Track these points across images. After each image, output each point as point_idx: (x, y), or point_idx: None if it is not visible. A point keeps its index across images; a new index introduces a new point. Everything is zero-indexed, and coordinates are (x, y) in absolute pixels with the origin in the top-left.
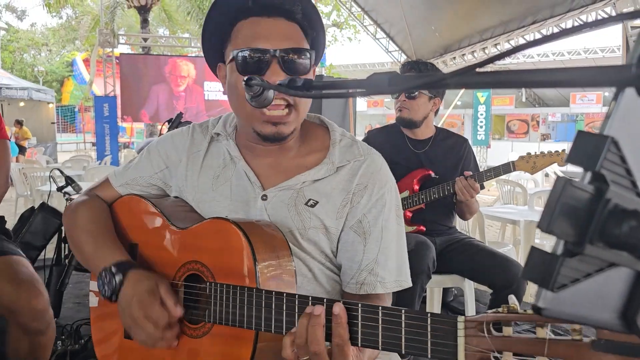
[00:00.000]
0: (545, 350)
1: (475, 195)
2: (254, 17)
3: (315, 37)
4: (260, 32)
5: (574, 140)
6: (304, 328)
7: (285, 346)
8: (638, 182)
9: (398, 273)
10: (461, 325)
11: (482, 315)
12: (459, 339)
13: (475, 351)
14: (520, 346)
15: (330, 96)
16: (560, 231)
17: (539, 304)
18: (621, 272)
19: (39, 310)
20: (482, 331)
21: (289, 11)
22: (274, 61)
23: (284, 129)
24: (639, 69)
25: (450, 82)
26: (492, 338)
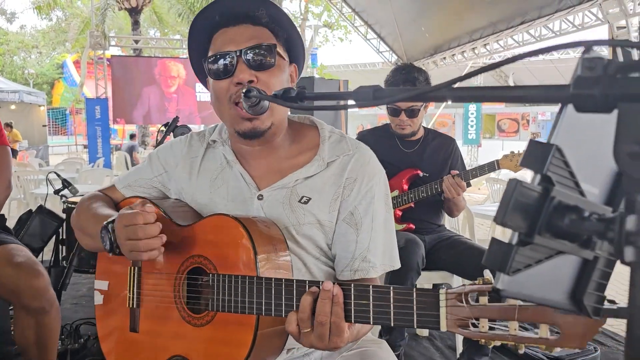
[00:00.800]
0: (515, 315)
1: (462, 193)
2: (223, 28)
3: (288, 37)
4: (226, 38)
5: (526, 148)
6: (307, 303)
7: (290, 321)
8: (580, 182)
9: (388, 257)
10: (443, 297)
11: (460, 287)
12: (441, 309)
13: (456, 319)
14: (494, 313)
15: (322, 108)
16: (514, 224)
17: (498, 285)
18: (569, 259)
19: (40, 288)
20: (461, 301)
21: (253, 17)
22: (239, 61)
23: (258, 124)
24: (575, 89)
25: (431, 95)
26: (470, 307)
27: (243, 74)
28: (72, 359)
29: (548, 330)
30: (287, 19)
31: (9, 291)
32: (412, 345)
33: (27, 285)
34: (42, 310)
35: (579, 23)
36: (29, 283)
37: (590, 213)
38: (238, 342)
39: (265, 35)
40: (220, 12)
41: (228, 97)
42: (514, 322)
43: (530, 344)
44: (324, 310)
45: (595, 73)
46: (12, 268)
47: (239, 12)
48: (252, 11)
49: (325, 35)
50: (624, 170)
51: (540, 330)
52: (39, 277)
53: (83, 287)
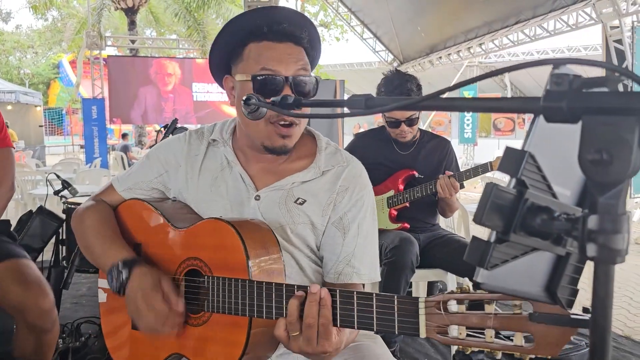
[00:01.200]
0: (491, 323)
1: (455, 193)
2: (267, 41)
3: (314, 57)
4: (275, 57)
5: (503, 154)
6: (294, 307)
7: (279, 326)
8: (552, 185)
9: (371, 267)
10: (422, 305)
11: (439, 295)
12: (421, 317)
13: (435, 326)
14: (471, 321)
15: (318, 116)
16: (491, 224)
17: (477, 279)
18: (543, 255)
19: (46, 310)
20: (439, 309)
21: (297, 37)
22: (286, 86)
23: (288, 142)
24: (545, 102)
25: (421, 104)
26: (448, 315)
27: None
28: (74, 357)
29: (523, 339)
30: (319, 40)
31: (14, 308)
32: (408, 341)
33: (33, 305)
34: (45, 329)
35: (572, 23)
36: (36, 303)
37: (560, 213)
38: (233, 342)
39: (304, 58)
40: (269, 24)
41: (267, 118)
42: (490, 330)
43: (505, 351)
44: (311, 312)
45: (562, 88)
46: (21, 286)
47: (287, 30)
48: (298, 32)
49: (322, 35)
50: (587, 175)
51: (515, 338)
52: (46, 298)
53: (83, 286)
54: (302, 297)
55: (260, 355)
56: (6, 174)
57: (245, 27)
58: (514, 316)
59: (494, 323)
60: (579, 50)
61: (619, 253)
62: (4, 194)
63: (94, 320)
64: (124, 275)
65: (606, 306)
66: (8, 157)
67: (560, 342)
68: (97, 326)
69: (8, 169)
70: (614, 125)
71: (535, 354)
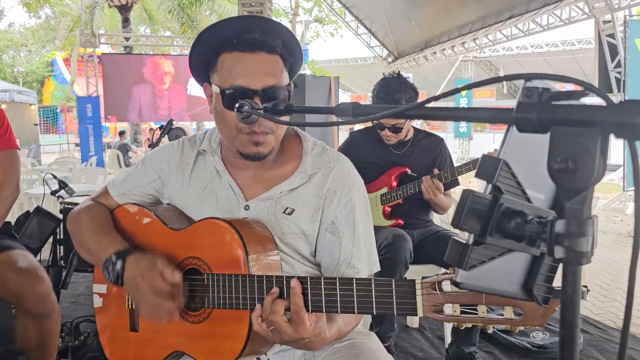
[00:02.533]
0: (483, 299)
1: (440, 193)
2: (238, 52)
3: (294, 62)
4: (244, 69)
5: (480, 162)
6: (268, 304)
7: (255, 320)
8: (526, 189)
9: (369, 262)
10: (419, 286)
11: (434, 277)
12: (418, 297)
13: (431, 305)
14: (465, 299)
15: (310, 125)
16: (468, 227)
17: (457, 279)
18: (520, 255)
19: (42, 294)
20: (435, 289)
21: (270, 46)
22: (256, 98)
23: (262, 149)
24: (517, 113)
25: (404, 113)
26: (443, 294)
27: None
28: (73, 355)
29: (512, 312)
30: (296, 43)
31: (12, 295)
32: (403, 336)
33: (30, 291)
34: (44, 314)
35: (565, 17)
36: (32, 289)
37: (533, 217)
38: (234, 336)
39: (278, 67)
40: (238, 34)
41: (238, 128)
42: (482, 305)
43: (497, 324)
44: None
45: (532, 100)
46: (15, 273)
47: (257, 39)
48: (270, 40)
49: (316, 31)
50: (555, 182)
51: (505, 312)
52: (42, 283)
53: (81, 285)
54: (276, 293)
55: (260, 348)
56: (11, 175)
57: (216, 37)
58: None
59: (486, 299)
60: (572, 44)
61: (585, 255)
62: (8, 195)
63: (93, 319)
64: (119, 266)
65: (574, 303)
66: (13, 159)
67: (547, 312)
68: (96, 325)
69: (13, 170)
70: (579, 136)
71: (524, 324)
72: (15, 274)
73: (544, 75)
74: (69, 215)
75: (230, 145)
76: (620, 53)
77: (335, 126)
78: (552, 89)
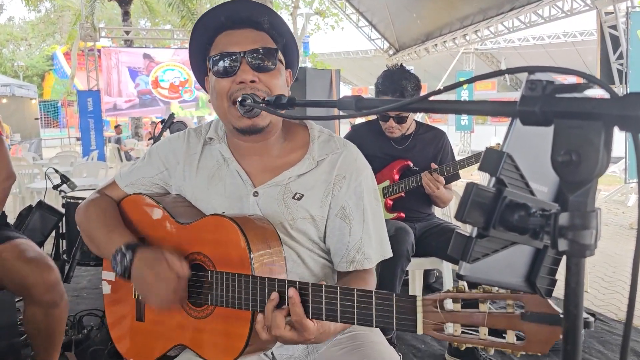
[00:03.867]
0: (485, 321)
1: (441, 187)
2: (227, 30)
3: (286, 43)
4: (231, 40)
5: (483, 155)
6: (269, 311)
7: (260, 331)
8: (530, 182)
9: (380, 247)
10: (419, 303)
11: (436, 294)
12: (418, 315)
13: (431, 324)
14: (466, 319)
15: (312, 118)
16: (472, 220)
17: (460, 272)
18: (523, 248)
19: (52, 282)
20: (436, 307)
21: (256, 22)
22: (243, 61)
23: (258, 121)
24: (521, 106)
25: (408, 107)
26: (444, 313)
27: (246, 74)
28: (76, 349)
29: (514, 336)
30: (286, 27)
31: (21, 286)
32: None
33: (39, 280)
34: (53, 303)
35: (567, 9)
36: (42, 278)
37: (537, 209)
38: (236, 335)
39: (266, 40)
40: (226, 15)
41: (228, 96)
42: (484, 327)
43: (498, 348)
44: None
45: (535, 93)
46: (24, 264)
47: (243, 16)
48: (255, 17)
49: (317, 23)
50: (558, 174)
51: (508, 336)
52: (51, 272)
53: (83, 279)
54: (275, 301)
55: (261, 347)
56: (0, 163)
57: (208, 24)
58: (507, 315)
59: (488, 321)
60: (574, 36)
61: (588, 247)
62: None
63: (96, 313)
64: (128, 258)
65: (577, 295)
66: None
67: (550, 340)
68: (99, 318)
69: (2, 158)
70: (582, 128)
71: (526, 350)
72: (24, 263)
73: (547, 68)
74: (78, 208)
75: (226, 124)
76: (622, 45)
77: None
78: (555, 82)
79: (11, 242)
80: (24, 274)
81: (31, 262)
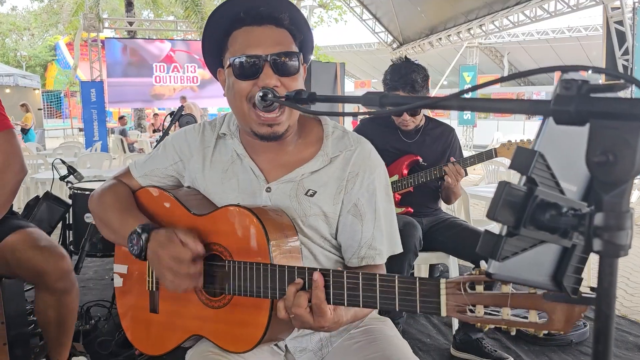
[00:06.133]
0: (508, 302)
1: (460, 179)
2: (247, 26)
3: (303, 39)
4: (253, 39)
5: (514, 154)
6: (291, 293)
7: (280, 308)
8: (560, 181)
9: (390, 243)
10: (443, 286)
11: (459, 277)
12: (442, 297)
13: (454, 306)
14: (489, 300)
15: (332, 114)
16: (503, 219)
17: (490, 270)
18: (550, 247)
19: (65, 270)
20: (459, 290)
21: (277, 19)
22: (266, 65)
23: (278, 128)
24: (555, 105)
25: (437, 104)
26: (467, 295)
27: (269, 78)
28: (84, 339)
29: (537, 316)
30: (304, 22)
31: (35, 273)
32: (410, 322)
33: (53, 268)
34: (65, 290)
35: (573, 4)
36: (55, 265)
37: (568, 209)
38: (254, 323)
39: (287, 39)
40: (246, 10)
41: (248, 98)
42: (507, 308)
43: (521, 327)
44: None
45: (570, 92)
46: (37, 251)
47: (264, 12)
48: (277, 13)
49: (320, 16)
50: (594, 175)
51: (530, 315)
52: (64, 259)
53: (90, 270)
54: (300, 284)
55: (279, 335)
56: (12, 156)
57: (225, 16)
58: (529, 295)
59: (511, 302)
60: (579, 31)
61: (623, 248)
62: (12, 177)
63: (103, 304)
64: (144, 238)
65: (610, 296)
66: (10, 140)
67: (572, 318)
68: (107, 309)
69: (13, 151)
70: (619, 129)
71: (548, 329)
72: (37, 251)
73: (581, 67)
74: (92, 195)
75: (244, 125)
76: (628, 40)
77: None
78: (590, 81)
79: (23, 231)
80: (37, 262)
81: (44, 249)
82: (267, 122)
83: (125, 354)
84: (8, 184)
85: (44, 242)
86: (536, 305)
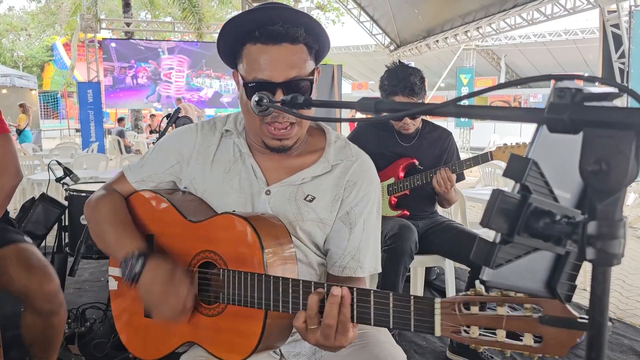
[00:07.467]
0: (503, 324)
1: (451, 187)
2: (261, 44)
3: (320, 47)
4: (266, 62)
5: (508, 161)
6: (314, 303)
7: (298, 317)
8: (554, 189)
9: (372, 261)
10: (437, 306)
11: (454, 297)
12: (436, 317)
13: (449, 326)
14: (484, 321)
15: (330, 120)
16: (497, 226)
17: (483, 277)
18: (544, 254)
19: (52, 293)
20: (454, 310)
21: (293, 37)
22: (278, 90)
23: (287, 142)
24: (549, 114)
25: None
26: (462, 315)
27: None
28: (80, 342)
29: (532, 339)
30: (321, 30)
31: (21, 292)
32: None
33: (39, 290)
34: (52, 312)
35: (570, 7)
36: (42, 287)
37: (561, 217)
38: (248, 333)
39: (302, 57)
40: (260, 26)
41: (261, 117)
42: (502, 330)
43: (515, 350)
44: (332, 313)
45: (564, 101)
46: (25, 271)
47: (279, 31)
48: (292, 30)
49: (318, 18)
50: (587, 183)
51: (525, 338)
52: (51, 282)
53: (85, 272)
54: (322, 293)
55: (273, 345)
56: (8, 161)
57: (239, 29)
58: (525, 318)
59: (506, 324)
60: (575, 34)
61: (616, 256)
62: (7, 182)
63: (99, 306)
64: (139, 265)
65: (603, 304)
66: (6, 144)
67: (567, 343)
68: (102, 311)
69: (8, 156)
70: (612, 137)
71: (543, 353)
72: (25, 271)
73: (577, 77)
74: (86, 203)
75: (255, 137)
76: (624, 43)
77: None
78: (584, 90)
79: (14, 246)
80: (25, 282)
81: (32, 270)
82: (277, 137)
83: (120, 357)
84: (3, 188)
85: (33, 262)
86: (532, 328)
